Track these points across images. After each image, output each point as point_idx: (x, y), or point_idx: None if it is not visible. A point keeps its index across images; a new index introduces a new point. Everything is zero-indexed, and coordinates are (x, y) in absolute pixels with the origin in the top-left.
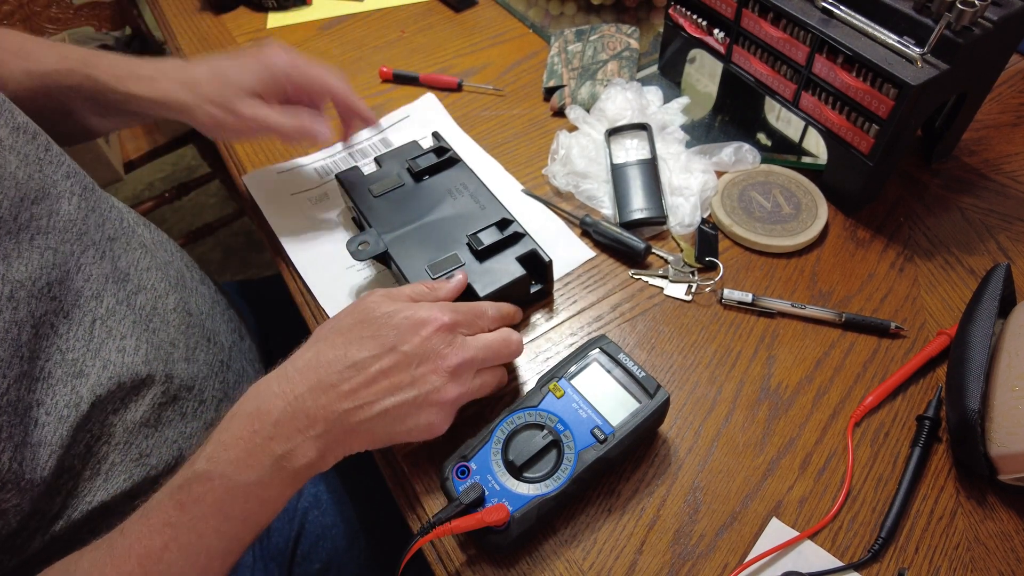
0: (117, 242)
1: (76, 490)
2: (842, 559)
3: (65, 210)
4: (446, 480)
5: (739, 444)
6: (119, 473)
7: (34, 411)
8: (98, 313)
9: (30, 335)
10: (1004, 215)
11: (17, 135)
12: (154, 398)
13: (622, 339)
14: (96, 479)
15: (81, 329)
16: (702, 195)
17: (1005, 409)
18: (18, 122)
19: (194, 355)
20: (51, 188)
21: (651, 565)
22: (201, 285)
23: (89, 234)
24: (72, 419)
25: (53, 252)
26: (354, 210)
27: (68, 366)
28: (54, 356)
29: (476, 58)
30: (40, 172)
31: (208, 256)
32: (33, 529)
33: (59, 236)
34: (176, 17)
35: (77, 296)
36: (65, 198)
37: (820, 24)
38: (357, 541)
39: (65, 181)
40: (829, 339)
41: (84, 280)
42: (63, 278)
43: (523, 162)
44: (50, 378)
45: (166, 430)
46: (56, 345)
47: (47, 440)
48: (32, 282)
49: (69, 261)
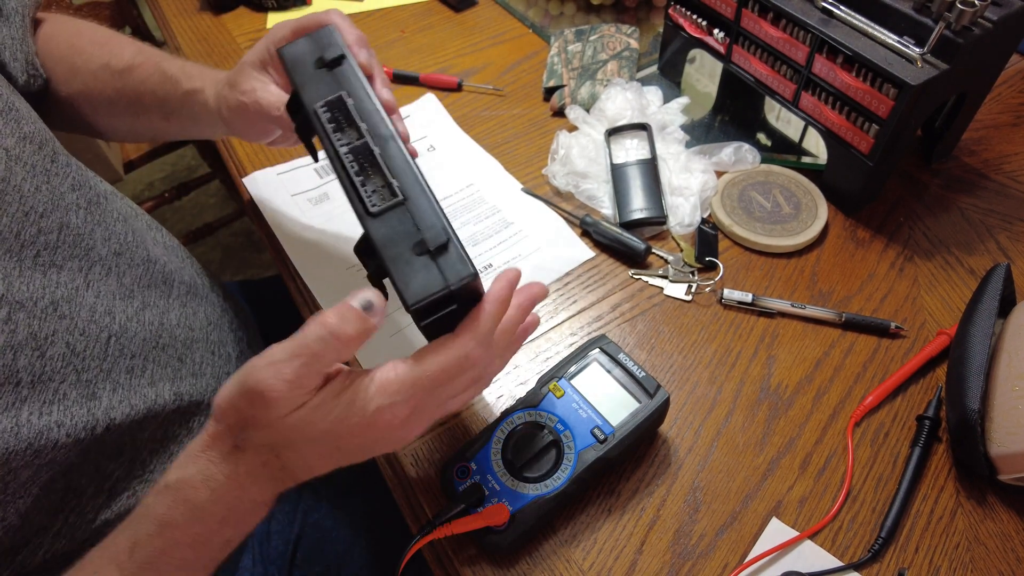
0: (122, 257)
1: (80, 508)
2: (842, 559)
3: (74, 223)
4: (446, 480)
5: (739, 444)
6: (122, 490)
7: (53, 433)
8: (112, 329)
9: (31, 357)
10: (1004, 215)
11: (24, 144)
12: (163, 416)
13: (622, 339)
14: (99, 496)
15: (97, 346)
16: (702, 195)
17: (1005, 409)
18: (25, 131)
19: (201, 369)
20: (59, 200)
21: (651, 565)
22: (211, 292)
23: (96, 249)
24: (87, 441)
25: (58, 269)
26: None
27: (83, 387)
28: (69, 376)
29: (476, 58)
30: (47, 184)
31: (208, 256)
32: (36, 546)
33: (68, 251)
34: (176, 17)
35: (91, 312)
36: (72, 211)
37: (820, 24)
38: (357, 543)
39: (72, 193)
40: (829, 339)
41: (95, 296)
42: (72, 295)
43: (523, 162)
44: (65, 400)
45: (172, 445)
46: (72, 365)
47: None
48: (33, 302)
49: (77, 278)
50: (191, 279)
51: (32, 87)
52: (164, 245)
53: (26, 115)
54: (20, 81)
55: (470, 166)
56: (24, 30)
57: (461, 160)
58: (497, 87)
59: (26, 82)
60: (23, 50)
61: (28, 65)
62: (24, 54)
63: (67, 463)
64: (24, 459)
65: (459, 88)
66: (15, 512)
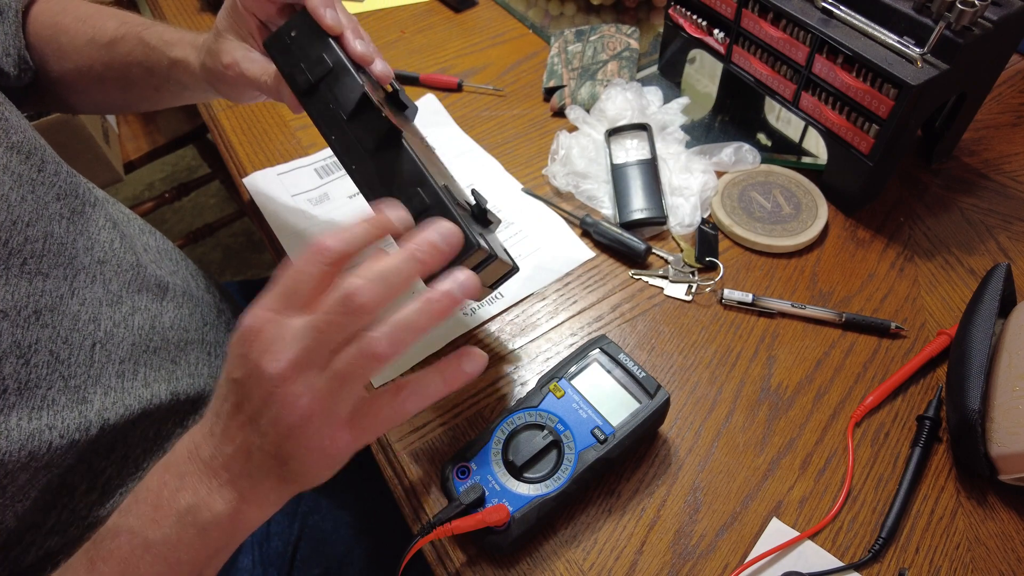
0: (107, 264)
1: (72, 505)
2: (842, 559)
3: (57, 233)
4: (446, 480)
5: (739, 444)
6: (115, 487)
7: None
8: (97, 336)
9: (16, 365)
10: (1004, 215)
11: (11, 155)
12: (159, 415)
13: (622, 339)
14: (92, 493)
15: (82, 353)
16: (702, 195)
17: (1005, 409)
18: (13, 141)
19: (198, 370)
20: (43, 210)
21: (651, 565)
22: (207, 294)
23: (79, 258)
24: (83, 443)
25: (44, 277)
26: None
27: (71, 392)
28: (56, 383)
29: (476, 58)
30: (33, 193)
31: (208, 257)
32: (28, 543)
33: (52, 260)
34: (176, 18)
35: (75, 320)
36: (55, 221)
37: (820, 24)
38: (358, 544)
39: (56, 203)
40: (829, 339)
41: (80, 304)
42: (56, 304)
43: (523, 162)
44: (55, 405)
45: (166, 444)
46: (58, 372)
47: (55, 463)
48: (17, 311)
49: (62, 286)
50: (185, 282)
51: (23, 80)
52: (157, 249)
53: (15, 124)
54: (12, 76)
55: (470, 166)
56: (17, 25)
57: (461, 160)
58: (497, 87)
59: (17, 76)
60: (15, 45)
61: (20, 60)
62: (16, 49)
63: (64, 465)
64: (19, 461)
65: (459, 88)
66: (12, 515)
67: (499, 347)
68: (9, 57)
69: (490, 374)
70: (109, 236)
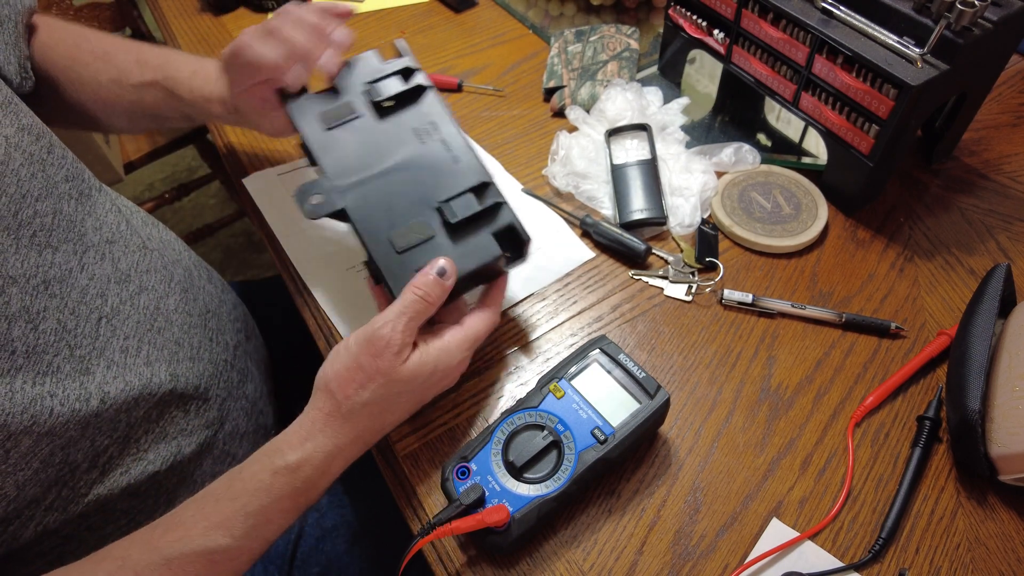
0: (116, 244)
1: (73, 482)
2: (843, 559)
3: (66, 211)
4: (446, 481)
5: (739, 444)
6: (115, 466)
7: (47, 401)
8: (104, 311)
9: (24, 330)
10: (1004, 215)
11: (23, 135)
12: (159, 396)
13: (622, 340)
14: (93, 471)
15: (88, 326)
16: (702, 195)
17: (1005, 409)
18: (23, 123)
19: (199, 354)
20: (53, 188)
21: (651, 565)
22: (208, 284)
23: (88, 236)
24: (83, 413)
25: (53, 251)
26: (302, 146)
27: (76, 362)
28: (63, 351)
29: (476, 59)
30: (43, 172)
31: (208, 257)
32: (27, 518)
33: (61, 235)
34: (176, 18)
35: (83, 294)
36: (65, 200)
37: (820, 24)
38: (357, 543)
39: (65, 184)
40: (829, 339)
41: (88, 279)
42: (64, 276)
43: (523, 163)
44: (59, 372)
45: (167, 427)
46: (65, 341)
47: (57, 432)
48: (26, 279)
49: (71, 260)
50: (187, 271)
51: (24, 89)
52: (160, 240)
53: (24, 109)
54: (15, 83)
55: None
56: (17, 35)
57: None
58: (497, 88)
59: (19, 84)
60: (16, 54)
61: (21, 68)
62: (17, 58)
63: (66, 436)
64: (22, 424)
65: (459, 89)
66: (13, 484)
67: (499, 347)
68: (11, 65)
69: (490, 375)
70: (115, 219)
